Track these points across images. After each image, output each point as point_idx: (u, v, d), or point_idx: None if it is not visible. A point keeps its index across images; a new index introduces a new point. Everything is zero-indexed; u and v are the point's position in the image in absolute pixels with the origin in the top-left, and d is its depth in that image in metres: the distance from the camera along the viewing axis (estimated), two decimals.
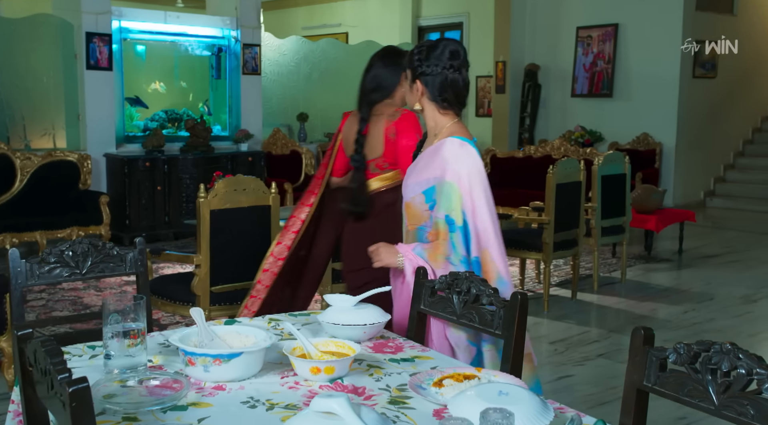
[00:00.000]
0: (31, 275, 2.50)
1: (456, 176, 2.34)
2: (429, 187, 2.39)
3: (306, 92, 10.07)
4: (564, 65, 11.40)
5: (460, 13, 13.06)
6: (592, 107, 11.13)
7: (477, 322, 2.03)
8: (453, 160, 2.36)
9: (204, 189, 3.84)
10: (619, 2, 10.73)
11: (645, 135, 10.51)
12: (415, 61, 2.46)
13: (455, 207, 2.33)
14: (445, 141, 2.41)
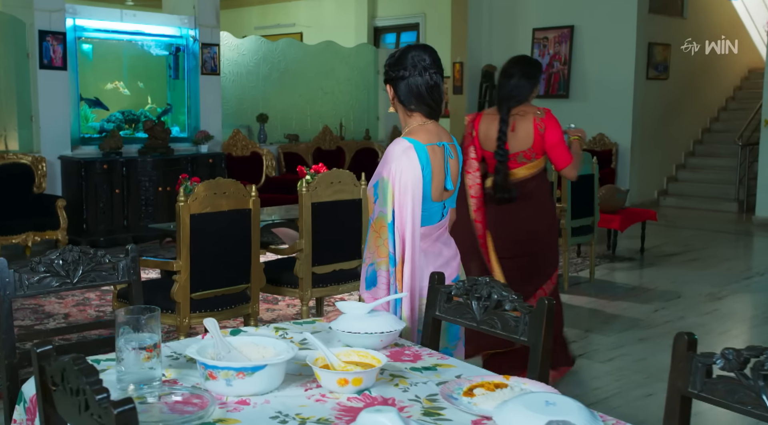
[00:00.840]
0: (20, 285, 2.38)
1: (390, 174, 2.41)
2: (375, 182, 2.47)
3: (265, 93, 9.94)
4: None
5: (416, 14, 13.07)
6: (548, 106, 11.19)
7: (500, 328, 1.99)
8: (392, 159, 2.42)
9: (183, 193, 3.73)
10: (575, 4, 10.87)
11: (601, 136, 10.66)
12: (386, 67, 2.56)
13: (388, 204, 2.40)
14: (395, 141, 2.47)
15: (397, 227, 2.40)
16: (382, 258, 2.42)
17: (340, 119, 10.55)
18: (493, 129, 3.72)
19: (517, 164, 3.72)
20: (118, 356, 1.82)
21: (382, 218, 2.43)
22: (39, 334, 2.54)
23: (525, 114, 3.72)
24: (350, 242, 4.44)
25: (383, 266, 2.42)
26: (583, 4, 10.78)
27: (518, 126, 3.70)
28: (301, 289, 4.29)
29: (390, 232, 2.41)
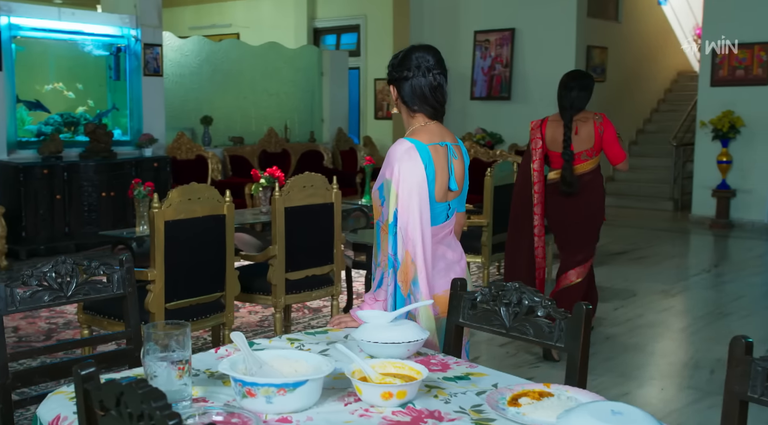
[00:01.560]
0: (11, 301, 2.23)
1: (393, 175, 2.37)
2: (381, 184, 2.44)
3: (209, 94, 9.74)
4: (463, 69, 11.58)
5: (357, 15, 13.03)
6: (491, 109, 11.37)
7: (531, 335, 1.97)
8: (394, 160, 2.38)
9: (158, 200, 3.59)
10: (516, 8, 11.02)
11: None
12: (389, 67, 2.54)
13: (391, 205, 2.37)
14: (397, 141, 2.45)
15: (400, 228, 2.35)
16: (386, 260, 2.39)
17: (285, 121, 10.42)
18: (559, 133, 4.42)
19: (580, 161, 4.44)
20: (149, 373, 1.71)
21: (387, 220, 2.39)
22: (28, 352, 2.39)
23: (586, 119, 4.42)
24: (323, 247, 4.36)
25: (386, 268, 2.39)
26: (523, 7, 10.94)
27: (581, 129, 4.40)
28: (275, 296, 4.19)
29: (391, 233, 2.37)
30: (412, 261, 2.34)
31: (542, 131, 4.49)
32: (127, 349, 2.43)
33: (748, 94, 9.41)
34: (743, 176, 9.52)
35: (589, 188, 4.49)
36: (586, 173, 4.46)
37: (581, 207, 4.50)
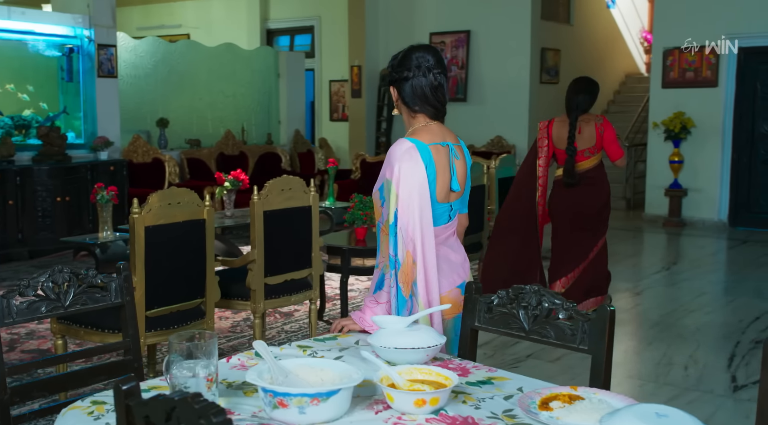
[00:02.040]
0: (8, 312, 2.14)
1: (393, 175, 2.35)
2: (381, 184, 2.42)
3: (165, 96, 9.55)
4: None
5: (311, 17, 12.95)
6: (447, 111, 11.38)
7: (553, 338, 1.96)
8: (395, 160, 2.36)
9: (138, 205, 3.49)
10: (471, 10, 11.09)
11: (499, 138, 10.93)
12: (389, 69, 2.52)
13: (392, 206, 2.35)
14: (397, 141, 2.42)
15: (400, 228, 2.33)
16: (387, 261, 2.36)
17: (241, 123, 10.29)
18: (564, 132, 4.96)
19: (584, 158, 4.99)
20: (176, 384, 1.66)
21: (387, 220, 2.36)
22: (25, 367, 2.28)
23: (588, 120, 4.98)
24: (301, 250, 4.31)
25: (387, 269, 2.36)
26: (478, 9, 11.02)
27: (584, 129, 4.95)
28: (254, 301, 4.12)
29: (392, 234, 2.34)
30: (413, 262, 2.32)
31: (549, 130, 5.01)
32: (126, 360, 2.35)
33: (698, 96, 9.65)
34: (694, 175, 9.76)
35: (596, 182, 5.04)
36: (590, 168, 5.02)
37: (589, 200, 5.02)
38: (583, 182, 4.99)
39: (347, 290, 4.98)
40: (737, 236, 9.10)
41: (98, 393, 1.84)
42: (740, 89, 9.51)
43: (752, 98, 9.49)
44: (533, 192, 4.95)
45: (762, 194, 9.51)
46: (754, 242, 8.69)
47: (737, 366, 4.47)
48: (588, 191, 5.00)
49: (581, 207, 5.01)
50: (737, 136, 9.57)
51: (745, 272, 7.02)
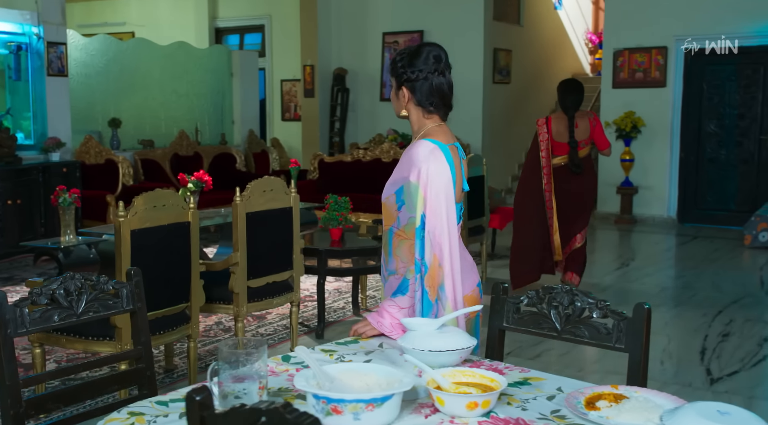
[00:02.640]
0: (21, 322, 2.04)
1: (419, 178, 2.33)
2: (399, 187, 2.37)
3: (116, 96, 9.31)
4: (372, 70, 11.60)
5: (261, 16, 12.81)
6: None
7: (587, 337, 1.97)
8: (419, 161, 2.34)
9: (123, 208, 3.38)
10: (424, 10, 11.13)
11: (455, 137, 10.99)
12: (399, 68, 2.44)
13: (418, 209, 2.32)
14: (418, 143, 2.38)
15: (428, 231, 2.30)
16: (412, 265, 2.32)
17: (195, 123, 10.11)
18: (563, 126, 5.68)
19: (580, 149, 5.71)
20: (228, 392, 1.61)
21: (412, 223, 2.32)
22: (40, 377, 2.19)
23: (583, 116, 5.76)
24: (283, 252, 4.25)
25: (412, 274, 2.32)
26: (431, 10, 11.06)
27: (580, 124, 5.70)
28: (236, 305, 4.04)
29: (419, 238, 2.31)
30: (439, 265, 2.30)
31: (548, 126, 5.71)
32: (139, 369, 2.27)
33: (647, 96, 9.90)
34: (644, 173, 10.01)
35: (588, 168, 5.83)
36: (584, 157, 5.77)
37: (586, 183, 5.86)
38: (582, 169, 5.77)
39: (324, 292, 4.94)
40: (686, 232, 9.36)
41: (132, 403, 1.77)
42: (687, 90, 9.79)
43: (699, 98, 9.77)
44: (541, 181, 5.70)
45: (709, 191, 9.81)
46: (704, 237, 8.95)
47: (709, 359, 4.59)
48: (585, 177, 5.79)
49: (580, 189, 5.81)
50: (685, 135, 9.85)
51: (701, 268, 7.22)
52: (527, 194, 5.85)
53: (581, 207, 5.88)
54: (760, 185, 9.53)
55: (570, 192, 5.78)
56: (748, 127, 9.57)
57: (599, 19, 15.52)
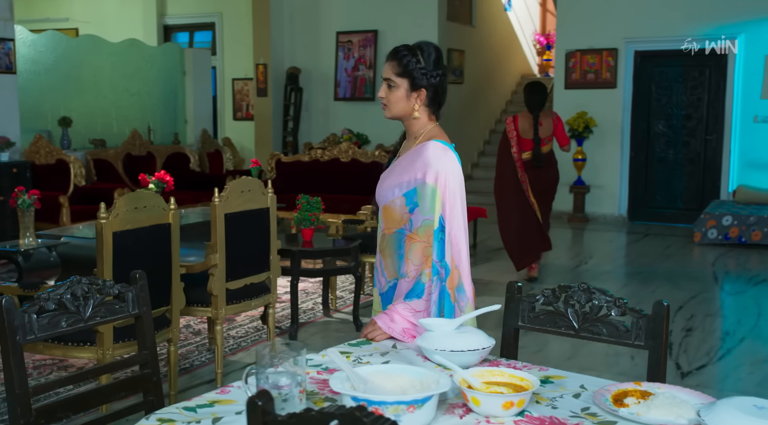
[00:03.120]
0: (30, 328, 1.98)
1: (437, 179, 2.32)
2: (410, 189, 2.34)
3: (66, 94, 9.05)
4: (325, 70, 11.56)
5: (212, 13, 12.63)
6: (355, 110, 11.42)
7: (605, 335, 2.01)
8: (435, 163, 2.33)
9: (105, 209, 3.30)
10: (377, 9, 11.14)
11: None
12: (421, 70, 2.37)
13: (436, 211, 2.31)
14: (428, 144, 2.36)
15: (448, 233, 2.30)
16: (428, 268, 2.30)
17: (147, 122, 9.91)
18: (528, 124, 6.29)
19: (544, 144, 6.34)
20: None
21: (429, 225, 2.30)
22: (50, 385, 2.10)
23: (546, 115, 6.40)
24: (261, 253, 4.20)
25: (428, 277, 2.30)
26: (385, 9, 11.08)
27: (544, 122, 6.32)
28: (215, 307, 3.98)
29: (436, 239, 2.29)
30: (455, 267, 2.31)
31: (516, 124, 6.30)
32: (145, 374, 2.21)
33: (598, 97, 10.11)
34: (596, 172, 10.22)
35: (552, 163, 6.50)
36: (547, 153, 6.42)
37: (547, 177, 6.47)
38: (545, 163, 6.38)
39: (297, 293, 4.90)
40: (637, 229, 9.59)
41: (160, 410, 1.73)
42: (637, 91, 10.03)
43: (648, 99, 10.03)
44: (516, 172, 6.24)
45: (657, 190, 10.07)
46: (654, 235, 9.18)
47: (677, 353, 4.71)
48: (548, 169, 6.43)
49: (546, 181, 6.45)
50: (635, 135, 10.09)
51: (656, 265, 7.41)
52: (506, 185, 6.36)
53: (545, 200, 6.53)
54: (706, 184, 9.83)
55: (535, 184, 6.33)
56: (695, 127, 9.86)
57: (546, 20, 15.79)
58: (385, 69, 2.39)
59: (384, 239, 2.41)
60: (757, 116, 9.48)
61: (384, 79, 2.38)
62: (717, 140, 9.72)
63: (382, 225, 2.43)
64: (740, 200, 9.20)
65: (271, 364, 1.59)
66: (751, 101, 9.48)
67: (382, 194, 2.43)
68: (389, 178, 2.44)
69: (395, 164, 2.47)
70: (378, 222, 2.51)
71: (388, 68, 2.38)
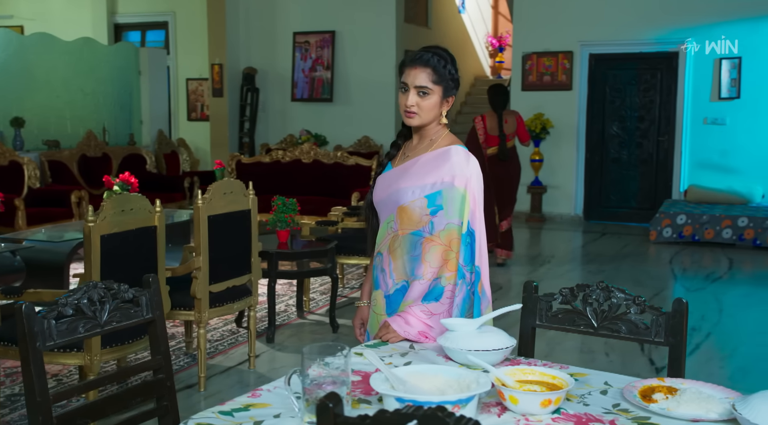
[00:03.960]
0: (49, 335, 1.93)
1: (466, 184, 2.34)
2: (434, 191, 2.35)
3: (18, 93, 8.79)
4: (282, 70, 11.49)
5: (165, 12, 12.43)
6: (313, 111, 11.38)
7: (624, 332, 2.05)
8: (464, 168, 2.35)
9: (93, 212, 3.23)
10: (335, 10, 11.12)
11: (366, 138, 11.03)
12: (456, 75, 2.42)
13: (465, 215, 2.33)
14: (454, 149, 2.39)
15: (476, 237, 2.32)
16: (451, 272, 2.28)
17: (103, 123, 9.70)
18: (494, 122, 7.07)
19: (508, 140, 7.09)
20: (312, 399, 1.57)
21: (452, 229, 2.30)
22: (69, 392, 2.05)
23: (510, 114, 7.22)
24: (242, 256, 4.16)
25: (451, 281, 2.28)
26: (342, 10, 11.07)
27: (508, 120, 7.13)
28: (198, 310, 3.93)
29: (464, 243, 2.29)
30: (481, 270, 2.34)
31: (484, 122, 7.06)
32: (159, 379, 2.18)
33: (555, 99, 10.28)
34: (552, 173, 10.39)
35: (515, 158, 7.22)
36: (511, 148, 7.16)
37: (510, 169, 7.18)
38: (509, 158, 7.09)
39: (274, 295, 4.87)
40: (593, 229, 9.79)
41: (196, 415, 1.70)
42: (592, 93, 10.24)
43: (602, 101, 10.25)
44: (484, 166, 6.41)
45: (612, 190, 10.30)
46: (611, 234, 9.39)
47: (650, 349, 4.83)
48: (512, 164, 7.16)
49: (509, 173, 7.15)
50: (590, 136, 10.30)
51: (616, 263, 7.58)
52: None
53: (509, 193, 7.22)
54: (659, 184, 10.10)
55: (501, 176, 6.98)
56: (648, 129, 10.11)
57: (499, 23, 15.99)
58: (414, 76, 2.34)
59: (396, 240, 2.39)
60: (707, 117, 9.78)
61: (415, 87, 2.34)
62: (669, 141, 9.99)
63: (394, 226, 2.41)
64: (691, 199, 9.47)
65: (321, 365, 1.58)
66: (701, 104, 9.77)
67: (398, 195, 2.39)
68: (404, 179, 2.40)
69: (407, 166, 2.43)
70: (383, 223, 2.48)
71: (423, 76, 2.33)
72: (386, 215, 2.46)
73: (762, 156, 9.54)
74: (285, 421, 1.67)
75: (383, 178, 2.51)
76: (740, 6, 9.37)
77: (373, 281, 2.48)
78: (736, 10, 9.38)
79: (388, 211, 2.45)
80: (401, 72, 2.43)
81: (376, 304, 2.46)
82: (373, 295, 2.48)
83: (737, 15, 9.41)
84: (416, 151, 2.47)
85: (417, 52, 2.44)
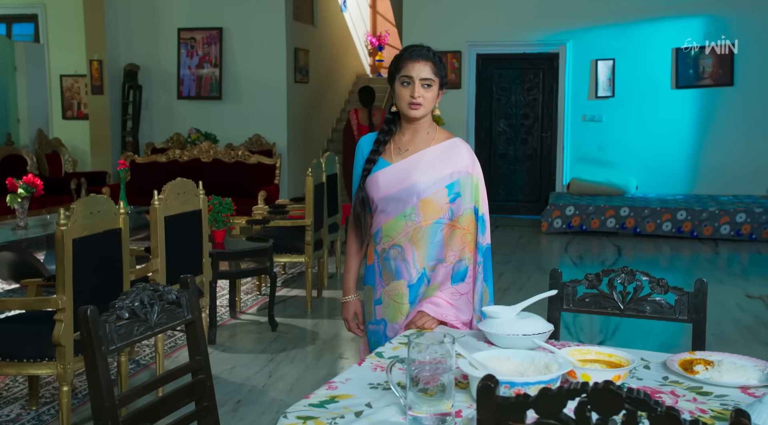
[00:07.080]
0: (111, 339, 1.87)
1: (477, 171, 2.56)
2: (453, 180, 2.50)
3: None
4: (167, 67, 11.15)
5: (34, 4, 11.72)
6: (201, 109, 11.12)
7: (649, 312, 2.23)
8: (473, 157, 2.57)
9: (64, 215, 3.08)
10: (222, 6, 10.91)
11: (258, 136, 10.92)
12: (444, 70, 2.57)
13: (480, 200, 2.54)
14: (457, 141, 2.57)
15: (485, 218, 2.55)
16: (471, 253, 2.49)
17: None
18: (365, 115, 8.51)
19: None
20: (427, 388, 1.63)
21: (470, 213, 2.49)
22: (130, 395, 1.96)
23: (378, 108, 8.69)
24: (195, 257, 4.08)
25: (472, 260, 2.49)
26: (229, 6, 10.88)
27: (376, 114, 8.57)
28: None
29: (482, 224, 2.51)
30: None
31: (357, 116, 8.50)
32: (200, 380, 2.15)
33: (445, 97, 10.36)
34: None
35: None
36: None
37: None
38: None
39: (216, 296, 4.79)
40: None
41: (290, 409, 1.72)
42: (479, 92, 10.64)
43: (490, 100, 10.68)
44: None
45: (501, 185, 10.75)
46: (504, 226, 9.81)
47: (576, 332, 5.14)
48: None
49: None
50: (478, 133, 10.70)
51: (519, 253, 7.95)
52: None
53: None
54: (543, 178, 10.65)
55: None
56: (532, 125, 10.63)
57: (377, 22, 16.23)
58: (419, 69, 2.44)
59: (420, 231, 2.49)
60: (585, 115, 10.41)
61: (421, 79, 2.44)
62: (551, 138, 10.55)
63: (416, 218, 2.50)
64: (573, 191, 10.07)
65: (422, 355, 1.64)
66: (580, 102, 10.40)
67: (416, 188, 2.48)
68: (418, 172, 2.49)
69: (413, 160, 2.51)
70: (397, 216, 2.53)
71: (427, 69, 2.45)
72: (402, 209, 2.53)
73: (635, 151, 10.28)
74: (382, 410, 1.72)
75: (386, 174, 2.57)
76: (614, 12, 10.05)
77: (393, 271, 2.53)
78: (611, 15, 10.05)
79: (404, 204, 2.53)
80: (400, 67, 2.51)
81: (397, 294, 2.53)
82: (393, 285, 2.54)
83: (612, 20, 10.09)
84: (416, 145, 2.56)
85: (412, 47, 2.54)
